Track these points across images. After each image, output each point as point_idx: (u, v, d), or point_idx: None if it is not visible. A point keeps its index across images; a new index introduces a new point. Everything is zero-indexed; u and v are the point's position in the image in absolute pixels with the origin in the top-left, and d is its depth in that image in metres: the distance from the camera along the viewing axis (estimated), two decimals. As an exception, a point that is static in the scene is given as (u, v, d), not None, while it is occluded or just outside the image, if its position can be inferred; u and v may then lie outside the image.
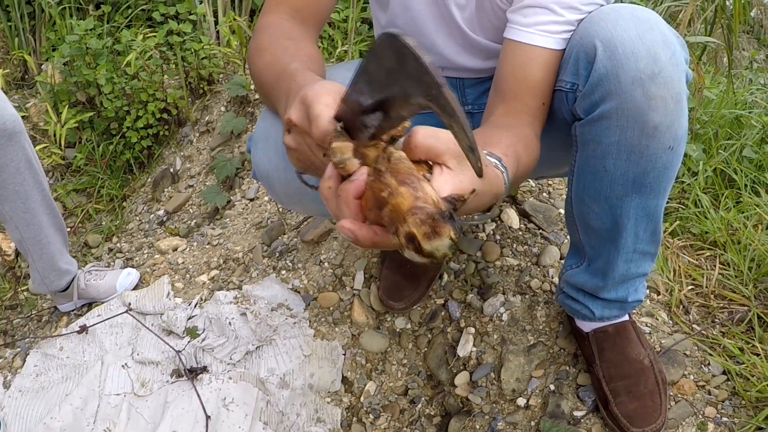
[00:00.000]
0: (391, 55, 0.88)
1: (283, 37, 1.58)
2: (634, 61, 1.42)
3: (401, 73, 0.89)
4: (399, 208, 0.86)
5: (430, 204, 0.86)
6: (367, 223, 0.94)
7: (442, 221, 0.83)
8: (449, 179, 0.95)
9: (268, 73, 1.47)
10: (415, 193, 0.86)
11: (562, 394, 2.06)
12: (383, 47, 0.89)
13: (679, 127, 1.50)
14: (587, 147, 1.59)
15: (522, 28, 1.58)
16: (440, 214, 0.83)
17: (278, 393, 2.33)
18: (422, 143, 0.95)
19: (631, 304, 1.91)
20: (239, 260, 2.85)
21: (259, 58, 1.55)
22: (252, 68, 1.60)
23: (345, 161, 0.95)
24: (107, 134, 3.93)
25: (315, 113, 1.03)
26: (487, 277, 2.38)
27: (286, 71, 1.36)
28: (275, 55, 1.50)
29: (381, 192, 0.88)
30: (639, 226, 1.68)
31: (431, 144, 0.95)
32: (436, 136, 0.95)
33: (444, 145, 0.95)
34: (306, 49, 1.54)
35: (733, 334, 2.22)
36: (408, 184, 0.87)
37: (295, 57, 1.45)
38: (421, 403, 2.31)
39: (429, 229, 0.82)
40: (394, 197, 0.87)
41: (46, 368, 2.56)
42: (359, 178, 0.94)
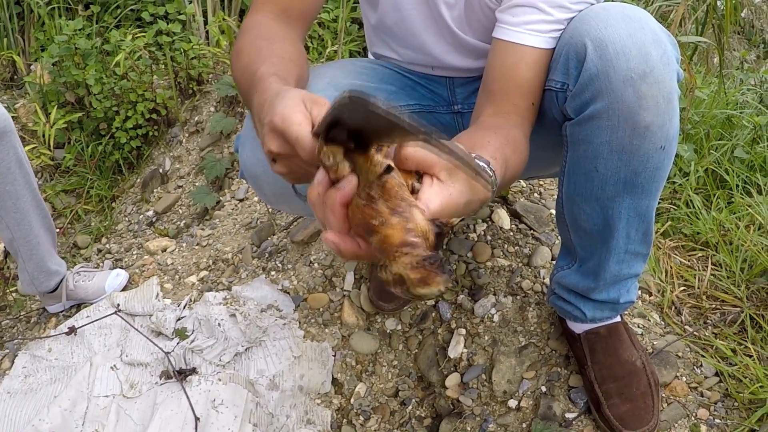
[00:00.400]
0: (355, 112, 0.86)
1: (260, 38, 1.56)
2: (624, 60, 1.41)
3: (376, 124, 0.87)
4: (390, 240, 0.86)
5: (420, 235, 0.86)
6: (352, 232, 0.94)
7: (435, 271, 0.83)
8: (439, 191, 0.95)
9: (243, 77, 1.46)
10: (406, 224, 0.86)
11: (553, 396, 2.05)
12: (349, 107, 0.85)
13: (671, 127, 1.49)
14: (578, 147, 1.58)
15: (511, 28, 1.57)
16: (433, 260, 0.83)
17: (268, 394, 2.31)
18: (413, 155, 0.94)
19: (623, 305, 1.90)
20: (229, 261, 2.84)
21: (237, 61, 1.54)
22: (232, 72, 1.59)
23: (337, 164, 0.94)
24: (96, 135, 3.91)
25: (293, 136, 1.02)
26: (478, 278, 2.37)
27: (257, 75, 1.35)
28: (250, 58, 1.48)
29: (371, 219, 0.88)
30: (630, 226, 1.67)
31: (422, 156, 0.94)
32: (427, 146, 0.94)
33: (435, 156, 0.94)
34: (280, 48, 1.52)
35: (726, 335, 2.21)
36: (399, 213, 0.87)
37: (265, 59, 1.43)
38: (411, 404, 2.30)
39: (421, 276, 0.83)
40: (384, 228, 0.87)
41: (35, 370, 2.54)
42: (346, 187, 0.92)
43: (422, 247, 0.85)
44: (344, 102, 0.84)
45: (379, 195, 0.88)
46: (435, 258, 0.83)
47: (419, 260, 0.83)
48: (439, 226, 0.91)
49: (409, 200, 0.89)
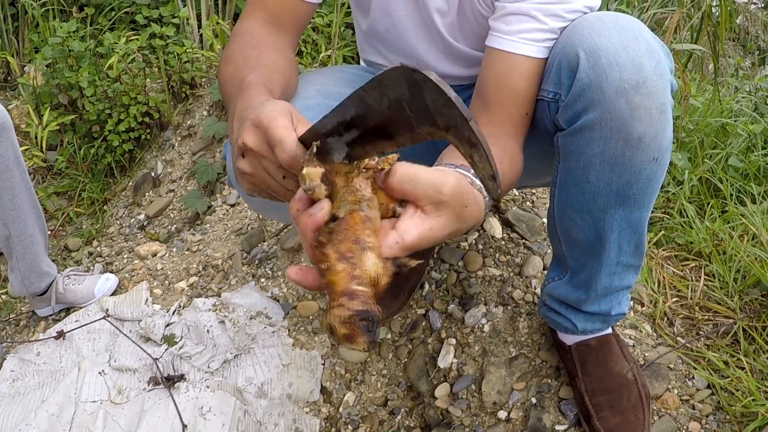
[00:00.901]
0: (402, 86, 0.85)
1: (249, 47, 1.56)
2: (617, 71, 1.40)
3: (413, 103, 0.86)
4: (332, 286, 0.87)
5: (368, 282, 0.87)
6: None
7: (361, 331, 0.83)
8: (419, 223, 0.92)
9: (229, 84, 1.46)
10: (352, 272, 0.87)
11: (543, 408, 2.03)
12: (395, 78, 0.85)
13: (664, 138, 1.47)
14: (570, 158, 1.56)
15: (504, 36, 1.56)
16: (362, 317, 0.84)
17: (256, 402, 2.30)
18: (399, 187, 0.92)
19: (615, 317, 1.89)
20: (218, 267, 2.83)
21: (224, 67, 1.54)
22: (218, 76, 1.58)
23: (314, 188, 0.93)
24: (89, 137, 3.90)
25: (277, 137, 1.01)
26: (469, 287, 2.35)
27: (241, 85, 1.34)
28: (237, 65, 1.48)
29: (320, 263, 0.89)
30: (622, 238, 1.66)
31: (409, 189, 0.92)
32: (414, 180, 0.92)
33: (422, 190, 0.92)
34: (268, 58, 1.51)
35: (718, 347, 2.20)
36: (348, 259, 0.87)
37: (253, 68, 1.43)
38: (400, 414, 2.28)
39: (347, 333, 0.84)
40: (330, 273, 0.88)
41: (23, 374, 2.53)
42: (318, 213, 0.92)
43: (361, 298, 0.85)
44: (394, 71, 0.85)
45: (327, 240, 0.89)
46: (365, 315, 0.84)
47: (350, 316, 0.84)
48: (399, 266, 0.91)
49: (364, 242, 0.89)
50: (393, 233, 0.92)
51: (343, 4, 3.86)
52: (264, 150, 1.05)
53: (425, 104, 0.85)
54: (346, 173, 0.94)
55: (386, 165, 0.93)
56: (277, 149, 1.02)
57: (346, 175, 0.94)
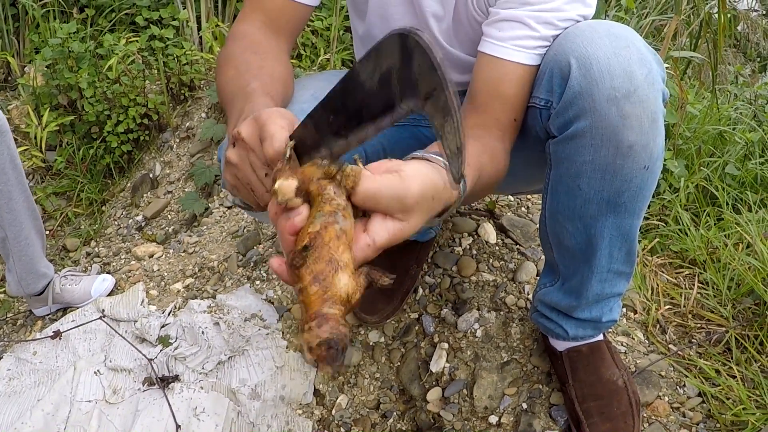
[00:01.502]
0: (395, 53, 0.89)
1: (249, 51, 1.56)
2: (609, 79, 1.41)
3: (402, 71, 0.89)
4: (306, 307, 0.90)
5: (339, 301, 0.90)
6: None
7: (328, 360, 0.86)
8: (390, 226, 0.96)
9: (228, 87, 1.47)
10: (324, 294, 0.89)
11: (534, 413, 2.04)
12: (390, 44, 0.89)
13: (655, 147, 1.48)
14: (561, 165, 1.57)
15: (497, 42, 1.56)
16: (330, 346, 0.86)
17: (249, 404, 2.31)
18: (363, 204, 0.96)
19: (606, 324, 1.89)
20: (214, 269, 2.83)
21: (223, 69, 1.55)
22: (217, 78, 1.59)
23: (287, 202, 0.96)
24: (88, 138, 3.90)
25: (270, 132, 1.05)
26: (462, 292, 2.36)
27: (245, 90, 1.36)
28: (238, 70, 1.49)
29: (296, 284, 0.92)
30: (613, 245, 1.66)
31: (372, 206, 0.96)
32: (376, 198, 0.95)
33: (385, 205, 0.96)
34: (270, 67, 1.53)
35: (710, 355, 2.20)
36: (320, 280, 0.90)
37: (256, 76, 1.45)
38: (392, 417, 2.29)
39: (315, 357, 0.86)
40: (303, 295, 0.91)
41: (19, 373, 2.54)
42: (296, 218, 0.95)
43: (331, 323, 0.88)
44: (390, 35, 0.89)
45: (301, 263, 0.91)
46: (332, 343, 0.86)
47: (318, 343, 0.86)
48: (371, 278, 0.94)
49: (336, 262, 0.91)
50: (364, 236, 0.95)
51: (342, 7, 3.86)
52: (254, 143, 1.08)
53: (411, 72, 0.88)
54: (318, 179, 0.96)
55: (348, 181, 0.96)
56: (266, 143, 1.04)
57: (319, 181, 0.96)
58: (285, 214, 0.96)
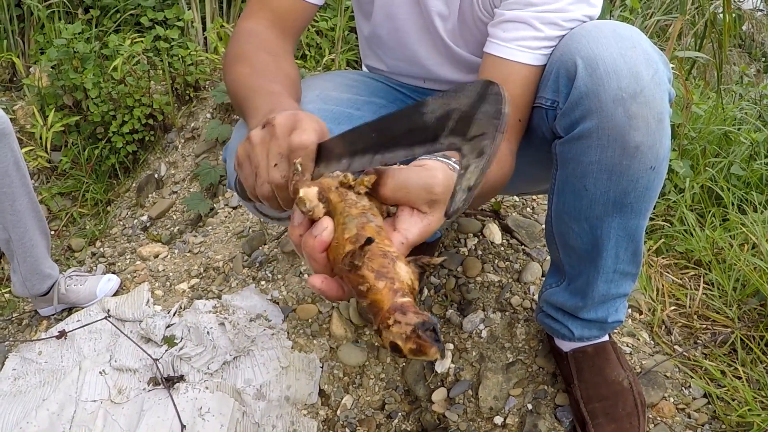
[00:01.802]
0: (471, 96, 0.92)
1: (263, 50, 1.56)
2: (615, 79, 1.40)
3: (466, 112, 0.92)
4: (378, 305, 0.87)
5: (408, 291, 0.87)
6: (334, 270, 0.95)
7: (429, 341, 0.82)
8: (417, 221, 0.96)
9: (244, 83, 1.46)
10: (392, 286, 0.87)
11: (539, 414, 2.03)
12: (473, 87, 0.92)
13: (661, 147, 1.48)
14: (567, 166, 1.57)
15: (501, 43, 1.56)
16: (425, 328, 0.83)
17: (254, 404, 2.30)
18: (392, 196, 0.96)
19: (611, 324, 1.89)
20: (219, 269, 2.83)
21: (237, 66, 1.54)
22: (228, 75, 1.58)
23: (313, 209, 0.96)
24: (93, 138, 3.91)
25: (304, 126, 1.05)
26: (468, 292, 2.36)
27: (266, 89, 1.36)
28: (255, 68, 1.49)
29: (358, 285, 0.88)
30: (619, 246, 1.66)
31: (402, 196, 0.96)
32: (405, 187, 0.96)
33: (414, 195, 0.96)
34: (286, 68, 1.55)
35: (716, 356, 2.20)
36: (384, 275, 0.88)
37: (276, 77, 1.46)
38: (397, 418, 2.29)
39: (414, 347, 0.82)
40: (372, 293, 0.87)
41: (24, 372, 2.54)
42: (323, 234, 0.94)
43: (411, 309, 0.85)
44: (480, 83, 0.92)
45: (361, 262, 0.89)
46: (427, 325, 0.83)
47: (412, 329, 0.83)
48: (421, 266, 0.92)
49: (391, 254, 0.90)
50: (397, 234, 0.95)
51: (346, 8, 3.86)
52: (283, 133, 1.07)
53: (473, 114, 0.91)
54: (336, 188, 0.97)
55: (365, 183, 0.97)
56: (297, 131, 1.04)
57: (338, 189, 0.96)
58: (308, 232, 0.96)
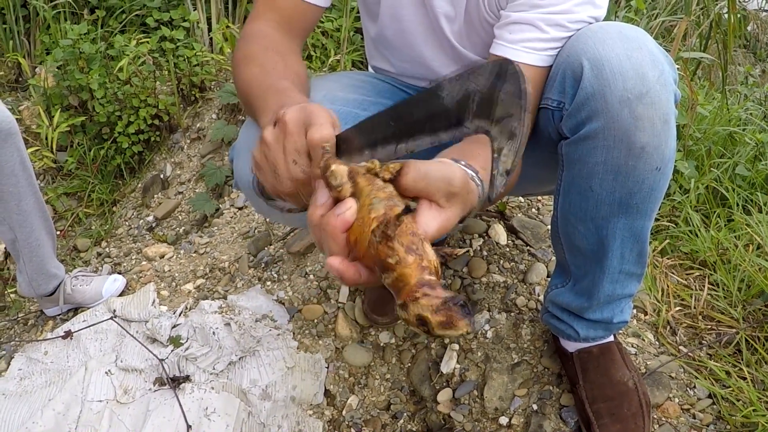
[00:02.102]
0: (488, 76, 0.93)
1: (272, 50, 1.57)
2: (621, 80, 1.41)
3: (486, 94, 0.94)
4: (406, 280, 0.86)
5: (433, 271, 0.87)
6: (351, 256, 0.95)
7: (459, 314, 0.82)
8: (436, 216, 0.95)
9: (255, 83, 1.46)
10: (421, 262, 0.87)
11: (544, 414, 2.04)
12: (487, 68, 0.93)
13: (667, 148, 1.48)
14: (573, 166, 1.57)
15: (507, 45, 1.56)
16: (455, 302, 0.83)
17: (260, 404, 2.31)
18: (413, 186, 0.95)
19: (617, 325, 1.89)
20: (225, 270, 2.84)
21: (246, 67, 1.54)
22: (238, 75, 1.58)
23: (343, 185, 0.96)
24: (99, 139, 3.92)
25: (319, 120, 1.05)
26: (473, 293, 2.36)
27: (276, 87, 1.36)
28: (265, 68, 1.49)
29: (387, 258, 0.88)
30: (625, 247, 1.66)
31: (423, 187, 0.95)
32: (426, 178, 0.96)
33: (434, 187, 0.96)
34: (294, 66, 1.56)
35: (720, 356, 2.20)
36: (414, 251, 0.87)
37: (285, 75, 1.46)
38: (403, 418, 2.29)
39: (444, 319, 0.82)
40: (400, 267, 0.87)
41: (30, 372, 2.54)
42: (347, 213, 0.94)
43: (439, 285, 0.85)
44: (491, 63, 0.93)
45: (394, 232, 0.89)
46: (457, 300, 0.83)
47: (441, 302, 0.83)
48: (443, 256, 0.92)
49: (418, 234, 0.90)
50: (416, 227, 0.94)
51: (352, 8, 3.86)
52: (295, 128, 1.08)
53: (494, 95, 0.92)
54: (363, 174, 0.97)
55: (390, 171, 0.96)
56: (314, 128, 1.05)
57: (366, 174, 0.96)
58: (331, 212, 0.95)
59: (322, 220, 0.96)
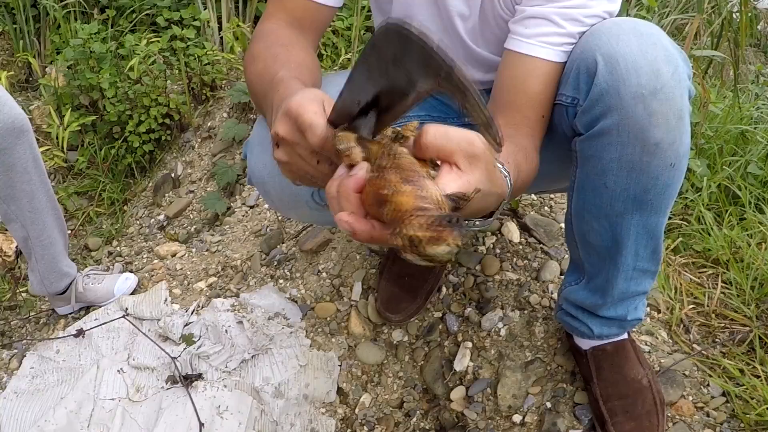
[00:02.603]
0: (395, 44, 0.88)
1: (276, 45, 1.56)
2: (635, 76, 1.40)
3: (407, 60, 0.89)
4: (401, 207, 0.83)
5: (434, 203, 0.84)
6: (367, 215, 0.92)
7: (448, 227, 0.79)
8: (456, 178, 0.92)
9: (259, 82, 1.46)
10: (419, 192, 0.84)
11: (558, 412, 2.03)
12: (386, 36, 0.88)
13: (681, 144, 1.47)
14: (587, 163, 1.56)
15: (523, 39, 1.56)
16: (444, 218, 0.80)
17: (273, 402, 2.31)
18: (432, 143, 0.93)
19: (631, 322, 1.89)
20: (237, 268, 2.84)
21: (252, 66, 1.54)
22: (246, 76, 1.59)
23: (350, 149, 0.95)
24: (109, 138, 3.92)
25: (307, 122, 1.03)
26: (486, 291, 2.36)
27: (276, 78, 1.35)
28: (266, 63, 1.49)
29: (382, 189, 0.86)
30: (639, 243, 1.66)
31: (442, 144, 0.93)
32: (446, 135, 0.93)
33: (455, 144, 0.93)
34: (297, 55, 1.53)
35: (734, 354, 2.19)
36: (412, 182, 0.85)
37: (284, 64, 1.44)
38: (416, 416, 2.29)
39: (433, 234, 0.79)
40: (396, 195, 0.84)
41: (42, 371, 2.55)
42: (359, 173, 0.93)
43: (436, 212, 0.82)
44: (382, 30, 0.88)
45: (389, 164, 0.87)
46: (449, 217, 0.80)
47: (432, 220, 0.80)
48: (455, 200, 0.88)
49: (422, 173, 0.87)
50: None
51: (363, 7, 3.86)
52: (295, 137, 1.06)
53: (416, 57, 0.88)
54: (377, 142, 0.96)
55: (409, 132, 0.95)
56: (308, 133, 1.03)
57: (378, 143, 0.95)
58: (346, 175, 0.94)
59: (335, 191, 0.95)
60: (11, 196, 2.46)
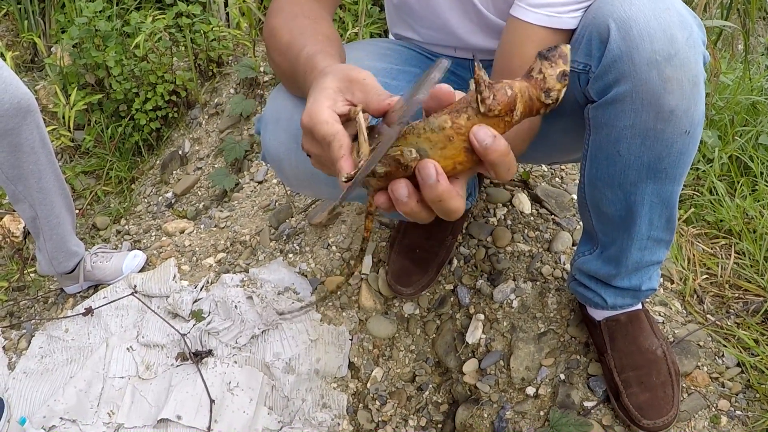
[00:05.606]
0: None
1: (301, 16, 1.54)
2: (649, 42, 1.38)
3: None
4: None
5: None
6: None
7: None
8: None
9: (286, 54, 1.44)
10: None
11: (572, 384, 2.02)
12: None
13: (696, 111, 1.45)
14: (600, 130, 1.54)
15: (527, 7, 1.54)
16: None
17: (283, 378, 2.30)
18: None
19: (645, 292, 1.87)
20: (246, 243, 2.83)
21: (275, 39, 1.52)
22: (269, 50, 1.56)
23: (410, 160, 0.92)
24: (116, 116, 3.92)
25: (321, 135, 1.01)
26: (498, 263, 2.34)
27: (303, 54, 1.34)
28: (293, 35, 1.47)
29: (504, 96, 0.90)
30: (653, 212, 1.64)
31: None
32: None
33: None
34: (324, 29, 1.51)
35: (748, 325, 2.18)
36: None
37: (313, 38, 1.42)
38: (428, 390, 2.28)
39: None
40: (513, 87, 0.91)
41: (51, 350, 2.55)
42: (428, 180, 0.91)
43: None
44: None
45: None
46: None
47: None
48: (547, 91, 0.95)
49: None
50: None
51: (370, -19, 3.85)
52: (318, 150, 1.05)
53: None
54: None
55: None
56: (325, 147, 1.01)
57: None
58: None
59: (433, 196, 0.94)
60: (19, 176, 2.45)
